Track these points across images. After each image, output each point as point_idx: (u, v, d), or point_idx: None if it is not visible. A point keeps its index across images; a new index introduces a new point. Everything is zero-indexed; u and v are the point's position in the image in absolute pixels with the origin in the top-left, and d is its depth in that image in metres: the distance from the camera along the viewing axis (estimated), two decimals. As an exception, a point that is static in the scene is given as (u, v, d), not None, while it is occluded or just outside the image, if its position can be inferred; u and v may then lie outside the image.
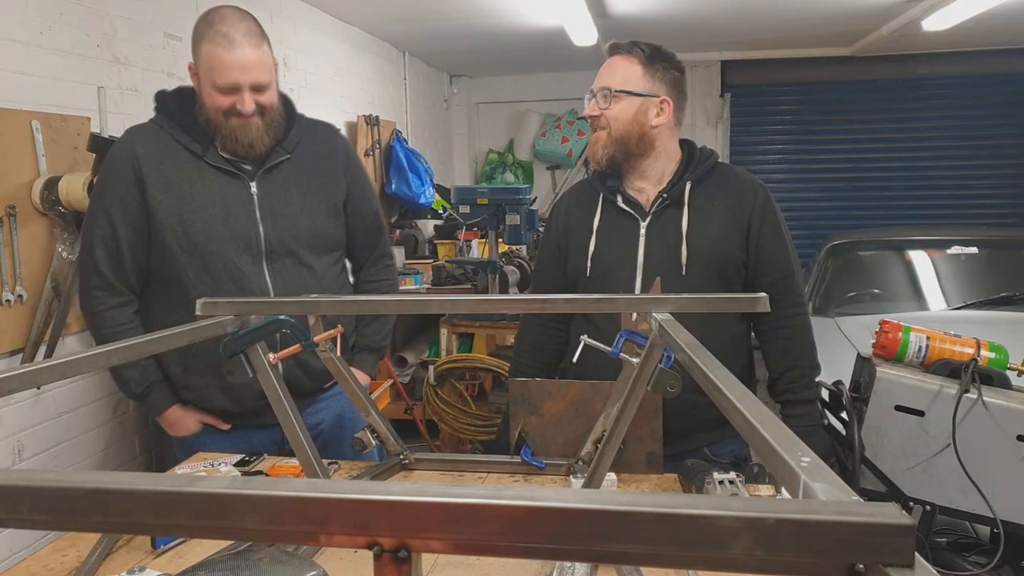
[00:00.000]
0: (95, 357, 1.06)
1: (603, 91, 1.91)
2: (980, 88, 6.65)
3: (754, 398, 0.80)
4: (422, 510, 0.48)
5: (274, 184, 1.94)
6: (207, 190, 1.89)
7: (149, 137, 1.91)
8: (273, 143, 1.92)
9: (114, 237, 1.89)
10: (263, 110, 1.87)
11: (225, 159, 1.91)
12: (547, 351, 2.07)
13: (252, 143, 1.88)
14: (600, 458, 1.50)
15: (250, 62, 1.82)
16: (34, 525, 0.52)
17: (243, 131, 1.86)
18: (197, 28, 1.86)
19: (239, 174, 1.91)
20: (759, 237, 1.89)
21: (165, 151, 1.89)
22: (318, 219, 1.99)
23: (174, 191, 1.88)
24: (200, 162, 1.89)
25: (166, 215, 1.87)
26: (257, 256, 1.91)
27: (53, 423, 2.54)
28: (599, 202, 1.96)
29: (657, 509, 0.46)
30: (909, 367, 1.89)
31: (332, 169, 2.04)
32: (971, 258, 4.27)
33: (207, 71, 1.82)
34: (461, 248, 4.80)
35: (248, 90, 1.83)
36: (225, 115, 1.84)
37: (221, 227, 1.88)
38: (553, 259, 2.04)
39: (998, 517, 1.74)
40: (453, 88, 7.10)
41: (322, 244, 2.00)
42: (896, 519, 0.44)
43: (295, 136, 1.98)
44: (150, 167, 1.87)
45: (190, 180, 1.88)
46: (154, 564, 1.36)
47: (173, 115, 1.92)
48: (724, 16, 4.99)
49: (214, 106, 1.84)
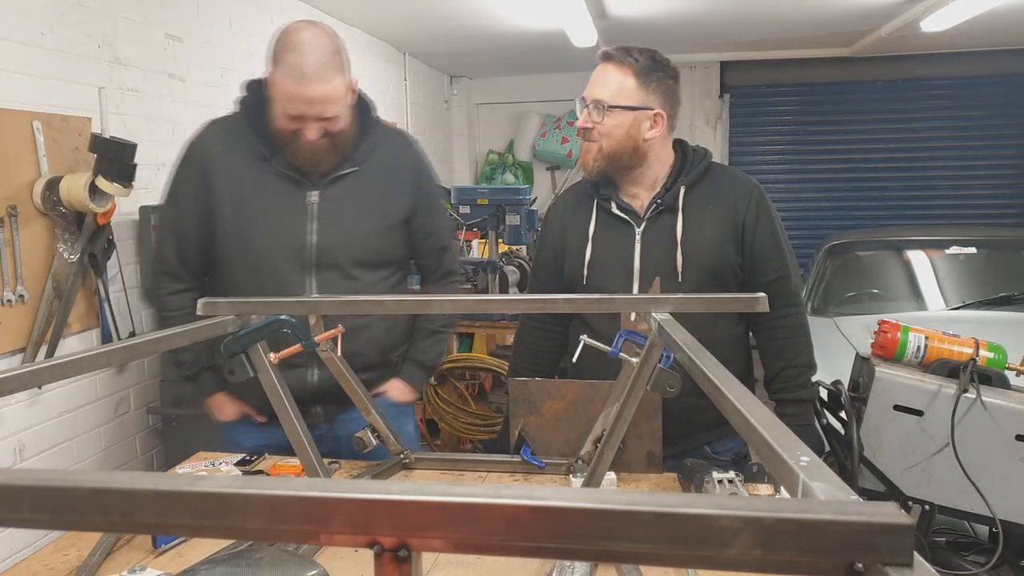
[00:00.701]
0: (95, 357, 1.06)
1: (596, 104, 1.86)
2: (979, 88, 6.65)
3: (753, 398, 0.80)
4: (422, 509, 0.48)
5: (335, 195, 1.91)
6: (266, 195, 1.89)
7: (224, 134, 1.93)
8: (340, 160, 1.90)
9: (180, 226, 1.94)
10: (331, 135, 1.84)
11: (291, 165, 1.89)
12: (545, 354, 2.07)
13: (317, 163, 1.87)
14: (600, 457, 1.50)
15: (317, 97, 1.77)
16: (35, 525, 0.52)
17: (308, 151, 1.84)
18: (275, 43, 1.83)
19: (302, 182, 1.90)
20: (754, 238, 1.88)
21: (235, 151, 1.90)
22: (372, 234, 1.95)
23: (235, 192, 1.89)
24: (266, 166, 1.88)
25: (225, 219, 1.89)
26: (306, 266, 1.90)
27: (53, 423, 2.54)
28: (594, 208, 1.95)
29: (657, 508, 0.46)
30: (908, 367, 1.89)
31: (399, 184, 1.99)
32: (970, 258, 4.27)
33: (277, 94, 1.80)
34: (461, 248, 4.80)
35: (314, 120, 1.80)
36: (292, 135, 1.83)
37: (274, 234, 1.88)
38: (549, 263, 2.04)
39: (997, 516, 1.74)
40: (453, 89, 7.11)
41: (373, 259, 1.97)
42: (895, 518, 0.45)
43: (367, 148, 1.94)
44: (219, 166, 1.89)
45: (252, 184, 1.89)
46: (155, 563, 1.36)
47: (250, 115, 1.91)
48: (723, 17, 4.99)
49: (283, 127, 1.83)
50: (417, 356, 2.08)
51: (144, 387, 2.94)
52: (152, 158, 2.95)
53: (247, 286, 1.87)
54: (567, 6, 4.10)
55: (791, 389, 1.90)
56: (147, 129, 2.93)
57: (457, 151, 7.20)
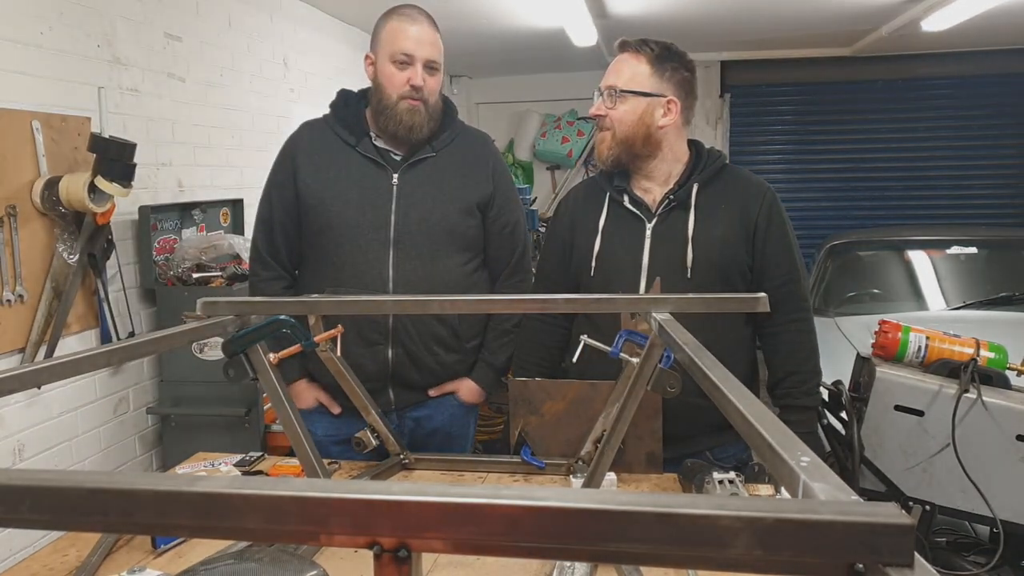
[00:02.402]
0: (95, 357, 1.06)
1: (609, 90, 1.89)
2: (979, 88, 6.65)
3: (754, 398, 0.80)
4: (422, 510, 0.48)
5: (414, 178, 2.01)
6: (350, 177, 1.99)
7: (313, 131, 2.07)
8: (430, 134, 2.02)
9: (270, 217, 2.06)
10: (426, 97, 1.97)
11: (376, 148, 2.01)
12: (550, 349, 2.06)
13: (413, 127, 1.98)
14: (600, 458, 1.50)
15: (428, 39, 1.96)
16: (34, 525, 0.52)
17: (409, 114, 1.96)
18: (379, 21, 2.01)
19: (385, 165, 2.00)
20: (765, 241, 1.88)
21: (322, 142, 2.04)
22: (451, 216, 2.02)
23: (321, 177, 2.00)
24: (351, 152, 2.00)
25: (311, 199, 2.00)
26: (385, 244, 1.97)
27: (53, 423, 2.54)
28: (605, 201, 1.95)
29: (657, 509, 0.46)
30: (908, 367, 1.89)
31: (476, 174, 2.08)
32: (970, 258, 4.27)
33: (387, 43, 1.96)
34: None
35: (422, 65, 1.95)
36: (397, 98, 1.95)
37: (356, 211, 1.97)
38: (557, 256, 2.03)
39: (997, 517, 1.74)
40: (453, 88, 7.10)
41: (452, 241, 2.02)
42: (895, 519, 0.44)
43: (447, 138, 2.06)
44: (305, 156, 2.03)
45: (337, 167, 2.00)
46: (154, 564, 1.36)
47: (338, 110, 2.07)
48: (724, 16, 4.99)
49: (390, 85, 1.96)
50: (489, 358, 2.12)
51: (143, 387, 2.94)
52: (151, 158, 2.95)
53: (331, 264, 1.98)
54: (567, 5, 4.10)
55: (797, 396, 1.88)
56: (147, 129, 2.93)
57: (457, 151, 7.19)
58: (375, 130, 2.02)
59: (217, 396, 2.83)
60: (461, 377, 2.08)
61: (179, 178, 3.13)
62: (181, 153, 3.14)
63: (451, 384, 2.07)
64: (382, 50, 1.97)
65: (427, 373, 2.03)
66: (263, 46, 3.81)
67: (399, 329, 1.97)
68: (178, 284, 2.86)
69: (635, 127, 1.87)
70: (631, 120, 1.87)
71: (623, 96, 1.87)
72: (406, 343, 1.98)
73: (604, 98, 1.89)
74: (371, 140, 2.01)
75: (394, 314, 1.97)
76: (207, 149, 3.34)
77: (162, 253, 2.94)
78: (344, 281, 1.94)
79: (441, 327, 2.01)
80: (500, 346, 2.12)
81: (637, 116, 1.87)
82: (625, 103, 1.87)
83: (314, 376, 2.05)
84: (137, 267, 2.91)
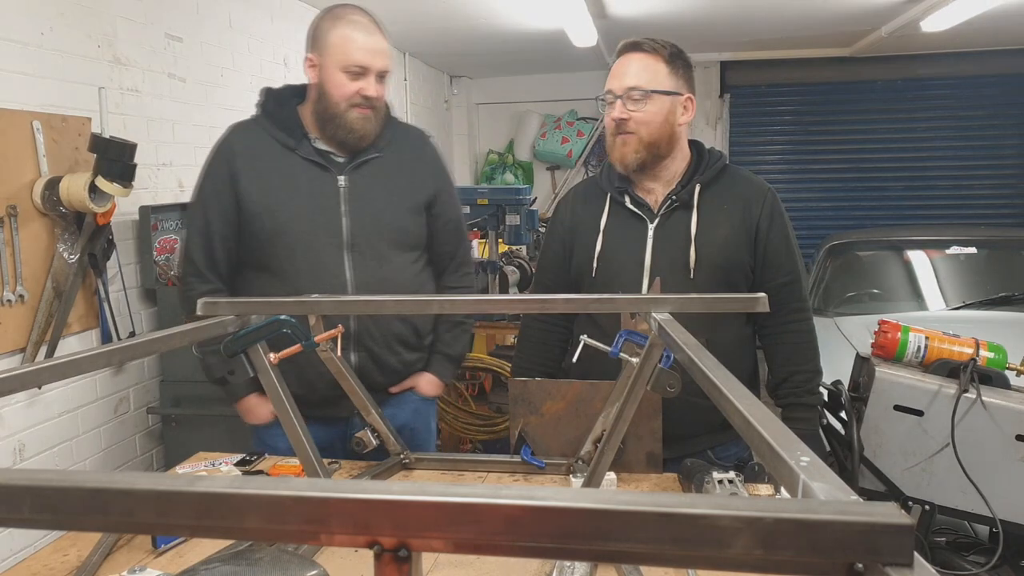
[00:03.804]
0: (95, 357, 1.06)
1: (631, 92, 1.83)
2: (979, 88, 6.65)
3: (754, 398, 0.80)
4: (422, 509, 0.48)
5: (362, 179, 1.98)
6: (295, 182, 1.94)
7: (247, 133, 2.00)
8: (373, 139, 1.99)
9: (207, 228, 1.96)
10: (376, 104, 1.94)
11: (317, 151, 1.97)
12: (551, 350, 2.05)
13: (364, 135, 1.95)
14: (600, 458, 1.50)
15: (382, 49, 1.93)
16: (35, 525, 0.52)
17: (360, 122, 1.93)
18: (322, 22, 1.93)
19: (328, 167, 1.96)
20: (767, 242, 1.88)
21: (259, 146, 1.96)
22: (401, 215, 2.01)
23: (263, 183, 1.94)
24: (291, 155, 1.95)
25: (255, 206, 1.93)
26: (340, 247, 1.95)
27: (53, 423, 2.54)
28: (607, 201, 1.94)
29: (657, 509, 0.46)
30: (908, 367, 1.89)
31: (420, 171, 2.07)
32: (970, 258, 4.27)
33: (338, 51, 1.89)
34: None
35: (375, 76, 1.91)
36: (347, 106, 1.91)
37: (307, 217, 1.93)
38: (557, 257, 2.03)
39: (997, 516, 1.74)
40: (453, 89, 7.11)
41: (403, 241, 2.02)
42: (895, 518, 0.45)
43: (387, 136, 2.03)
44: (243, 161, 1.95)
45: (280, 172, 1.95)
46: (155, 564, 1.36)
47: (270, 112, 2.00)
48: (723, 17, 4.99)
49: (339, 94, 1.90)
50: (444, 349, 2.12)
51: (144, 387, 2.94)
52: (152, 158, 2.95)
53: (283, 272, 1.92)
54: (567, 6, 4.09)
55: (800, 395, 1.88)
56: (147, 129, 2.93)
57: (457, 151, 7.20)
58: (314, 131, 1.97)
59: (217, 396, 2.83)
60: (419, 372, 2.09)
61: (179, 178, 3.13)
62: (181, 153, 3.14)
63: (410, 380, 2.06)
64: (331, 57, 1.90)
65: (391, 373, 2.02)
66: (263, 46, 3.81)
67: (362, 332, 1.95)
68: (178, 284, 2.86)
69: (662, 128, 1.84)
70: (659, 121, 1.84)
71: (649, 96, 1.83)
72: (369, 346, 1.96)
73: (625, 101, 1.84)
74: (311, 143, 1.96)
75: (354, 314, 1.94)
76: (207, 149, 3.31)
77: (162, 253, 2.94)
78: (302, 288, 1.85)
79: (403, 327, 2.00)
80: (454, 337, 2.13)
81: (663, 116, 1.84)
82: (652, 103, 1.83)
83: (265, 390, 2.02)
84: (138, 267, 2.92)
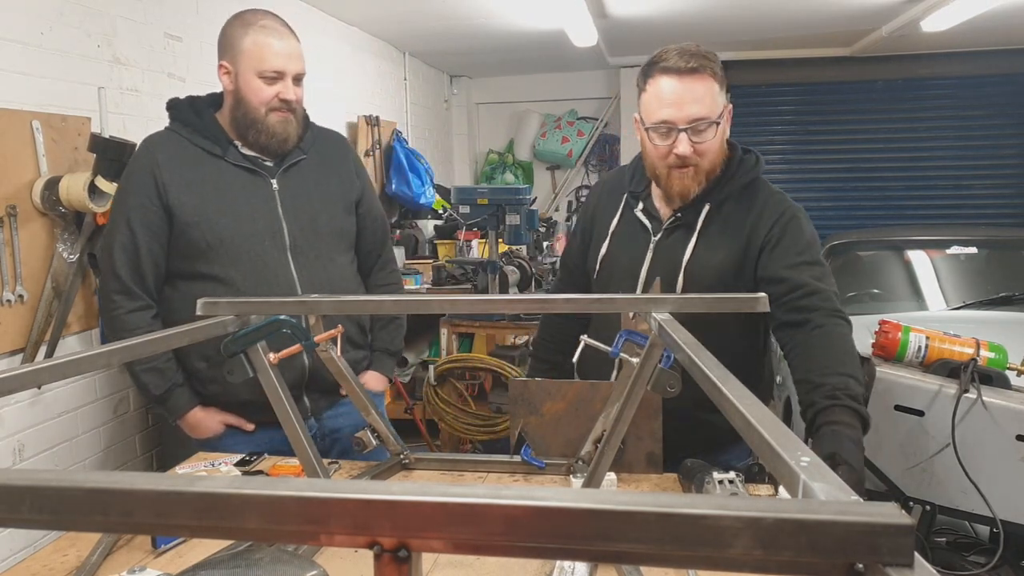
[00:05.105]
0: (95, 357, 1.06)
1: (697, 124, 1.69)
2: (979, 88, 6.65)
3: (754, 397, 0.80)
4: (422, 510, 0.48)
5: (293, 181, 1.99)
6: (230, 188, 1.93)
7: (167, 144, 1.95)
8: (296, 140, 1.99)
9: (133, 242, 1.90)
10: (295, 107, 1.95)
11: (245, 157, 1.96)
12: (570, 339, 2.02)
13: (287, 138, 1.95)
14: (600, 458, 1.50)
15: (296, 52, 1.94)
16: (35, 525, 0.52)
17: (281, 125, 1.93)
18: (232, 28, 1.93)
19: (260, 172, 1.96)
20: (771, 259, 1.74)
21: (184, 155, 1.93)
22: (337, 216, 2.04)
23: (196, 192, 1.91)
24: (220, 162, 1.93)
25: (192, 215, 1.90)
26: (283, 251, 1.95)
27: (53, 423, 2.54)
28: (621, 203, 1.91)
29: (657, 509, 0.46)
30: (908, 367, 1.89)
31: (346, 171, 2.11)
32: (970, 258, 4.27)
33: (254, 60, 1.89)
34: (461, 248, 4.80)
35: (291, 79, 1.92)
36: (266, 111, 1.91)
37: (247, 222, 1.93)
38: (580, 247, 2.02)
39: (997, 517, 1.74)
40: (453, 88, 7.11)
41: (341, 240, 2.06)
42: (896, 519, 0.44)
43: (309, 138, 2.04)
44: (171, 172, 1.90)
45: (212, 181, 1.93)
46: (154, 564, 1.36)
47: (189, 121, 1.96)
48: (724, 16, 4.99)
49: (258, 99, 1.90)
50: (386, 346, 2.19)
51: (144, 387, 2.94)
52: (152, 158, 2.94)
53: (228, 279, 1.90)
54: (567, 6, 4.10)
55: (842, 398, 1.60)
56: (146, 129, 2.91)
57: (457, 151, 7.20)
58: (236, 138, 1.95)
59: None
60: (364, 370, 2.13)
61: (179, 178, 3.13)
62: (181, 153, 3.14)
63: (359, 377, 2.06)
64: (245, 64, 1.89)
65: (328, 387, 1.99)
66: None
67: None
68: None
69: (720, 150, 1.76)
70: (718, 147, 1.74)
71: (713, 126, 1.70)
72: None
73: (689, 134, 1.69)
74: (238, 149, 1.95)
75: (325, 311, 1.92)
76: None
77: (162, 253, 2.94)
78: (250, 294, 1.84)
79: (352, 326, 2.03)
80: (391, 334, 2.21)
81: (721, 139, 1.74)
82: (711, 131, 1.71)
83: (207, 402, 1.99)
84: (137, 267, 2.91)
